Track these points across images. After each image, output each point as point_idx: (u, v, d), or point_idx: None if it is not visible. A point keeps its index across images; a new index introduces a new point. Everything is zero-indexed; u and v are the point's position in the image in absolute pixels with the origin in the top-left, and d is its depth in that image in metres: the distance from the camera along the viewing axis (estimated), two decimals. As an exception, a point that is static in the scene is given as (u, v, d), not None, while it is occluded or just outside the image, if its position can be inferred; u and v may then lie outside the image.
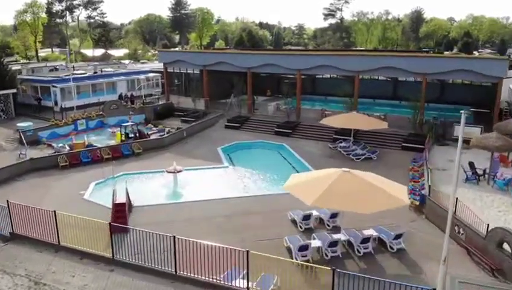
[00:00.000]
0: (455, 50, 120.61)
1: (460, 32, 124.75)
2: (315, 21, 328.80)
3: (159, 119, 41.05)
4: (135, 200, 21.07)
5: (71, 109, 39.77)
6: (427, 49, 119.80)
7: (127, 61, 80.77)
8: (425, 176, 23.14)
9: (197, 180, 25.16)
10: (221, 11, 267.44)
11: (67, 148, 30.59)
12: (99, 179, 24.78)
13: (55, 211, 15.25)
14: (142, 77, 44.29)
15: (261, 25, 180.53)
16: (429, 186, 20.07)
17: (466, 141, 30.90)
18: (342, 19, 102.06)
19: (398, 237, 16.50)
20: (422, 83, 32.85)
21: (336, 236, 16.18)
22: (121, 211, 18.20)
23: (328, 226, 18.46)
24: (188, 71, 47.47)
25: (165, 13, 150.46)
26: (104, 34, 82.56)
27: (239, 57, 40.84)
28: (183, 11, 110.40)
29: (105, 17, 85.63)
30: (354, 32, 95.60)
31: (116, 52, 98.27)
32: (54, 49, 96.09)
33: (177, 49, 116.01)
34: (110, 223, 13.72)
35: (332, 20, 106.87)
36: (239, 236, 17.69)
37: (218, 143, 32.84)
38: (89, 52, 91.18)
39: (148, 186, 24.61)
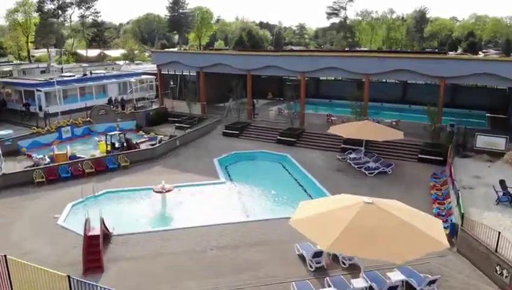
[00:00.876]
0: (459, 50, 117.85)
1: (463, 32, 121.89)
2: (316, 21, 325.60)
3: (151, 125, 38.00)
4: (115, 227, 18.03)
5: (56, 114, 36.68)
6: (430, 50, 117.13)
7: (121, 62, 77.63)
8: (452, 197, 20.09)
9: (189, 200, 22.10)
10: (221, 10, 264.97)
11: (48, 160, 27.48)
12: (78, 198, 21.77)
13: (5, 256, 12.15)
14: (133, 79, 41.24)
15: (261, 25, 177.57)
16: (462, 214, 16.94)
17: (490, 153, 28.14)
18: (345, 18, 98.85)
19: (431, 282, 13.43)
20: (440, 87, 29.75)
21: (356, 284, 13.08)
22: (94, 246, 15.13)
23: (344, 264, 15.38)
24: (184, 73, 44.41)
25: (163, 13, 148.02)
26: (98, 34, 79.39)
27: (238, 59, 37.80)
28: (181, 10, 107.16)
29: (100, 16, 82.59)
30: (358, 31, 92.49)
31: (113, 53, 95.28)
32: (50, 50, 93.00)
33: (175, 49, 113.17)
34: (69, 278, 10.63)
35: (336, 19, 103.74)
36: (236, 278, 14.64)
37: (215, 153, 29.80)
38: (84, 52, 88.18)
39: (132, 208, 21.54)
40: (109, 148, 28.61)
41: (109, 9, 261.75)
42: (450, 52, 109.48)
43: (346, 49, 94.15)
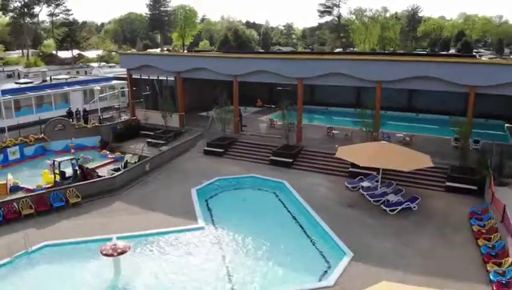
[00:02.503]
0: (452, 50, 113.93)
1: (452, 31, 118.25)
2: (304, 20, 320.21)
3: (120, 141, 31.97)
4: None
5: (2, 130, 30.35)
6: (420, 50, 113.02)
7: (96, 64, 71.08)
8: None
9: (153, 262, 16.03)
10: (206, 9, 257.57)
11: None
12: (3, 258, 15.88)
13: None
14: (97, 87, 34.97)
15: (248, 25, 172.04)
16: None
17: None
18: (339, 16, 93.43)
19: None
20: (470, 97, 24.34)
21: None
22: None
23: None
24: (161, 78, 38.31)
25: (143, 11, 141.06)
26: (69, 34, 72.53)
27: (223, 62, 31.97)
28: (162, 9, 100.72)
29: (71, 14, 75.70)
30: (351, 31, 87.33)
31: (92, 54, 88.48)
32: (24, 51, 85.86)
33: (158, 50, 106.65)
34: None
35: (329, 18, 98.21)
36: None
37: (194, 180, 23.95)
38: (61, 53, 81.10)
39: (75, 273, 15.47)
40: (57, 178, 22.50)
41: (89, 7, 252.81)
42: (442, 52, 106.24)
43: (339, 50, 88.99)
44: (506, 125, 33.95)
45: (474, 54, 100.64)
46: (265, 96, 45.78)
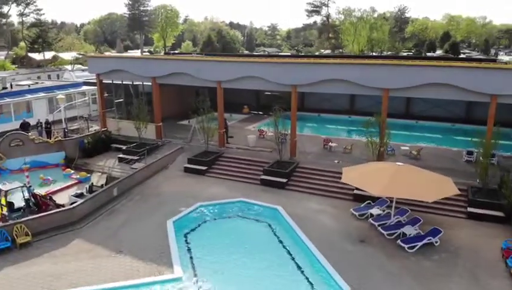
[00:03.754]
0: (439, 52, 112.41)
1: (437, 32, 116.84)
2: (289, 21, 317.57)
3: (88, 156, 27.96)
4: None
5: None
6: (406, 51, 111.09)
7: (68, 67, 66.32)
8: None
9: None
10: (189, 10, 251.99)
11: None
12: None
13: None
14: (61, 95, 30.66)
15: (232, 25, 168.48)
16: None
17: None
18: (328, 16, 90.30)
19: None
20: (490, 106, 21.09)
21: None
22: None
23: None
24: (136, 83, 34.29)
25: (122, 11, 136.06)
26: (40, 35, 67.62)
27: (205, 66, 28.20)
28: (142, 8, 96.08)
29: (43, 14, 70.67)
30: (340, 32, 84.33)
31: (68, 56, 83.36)
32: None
33: (138, 51, 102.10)
34: None
35: (317, 18, 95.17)
36: None
37: (170, 207, 20.18)
38: (36, 56, 75.90)
39: None
40: (4, 210, 18.40)
41: (68, 8, 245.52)
42: (428, 54, 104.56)
43: (327, 51, 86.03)
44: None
45: (462, 55, 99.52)
46: (252, 102, 42.25)
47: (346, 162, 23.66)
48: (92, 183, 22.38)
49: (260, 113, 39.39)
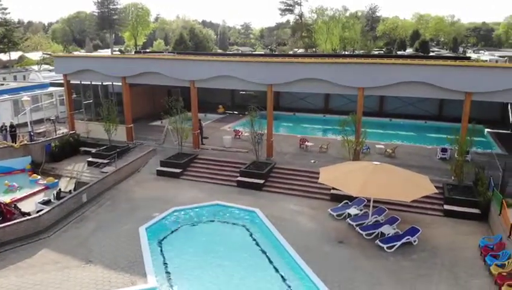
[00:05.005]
0: (409, 50, 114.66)
1: (407, 31, 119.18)
2: (263, 20, 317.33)
3: (55, 161, 26.75)
4: None
5: None
6: (377, 50, 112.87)
7: (35, 67, 63.88)
8: None
9: None
10: (161, 8, 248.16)
11: None
12: None
13: None
14: (26, 97, 29.12)
15: (205, 24, 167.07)
16: None
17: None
18: (301, 15, 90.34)
19: None
20: (465, 104, 21.22)
21: None
22: None
23: None
24: (106, 83, 33.14)
25: (91, 9, 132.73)
26: (6, 35, 64.74)
27: (177, 65, 27.44)
28: (111, 6, 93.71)
29: (8, 13, 67.68)
30: (313, 30, 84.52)
31: (36, 56, 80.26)
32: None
33: (108, 51, 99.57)
34: None
35: (290, 17, 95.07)
36: None
37: (143, 213, 19.40)
38: (1, 56, 72.61)
39: None
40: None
41: (36, 6, 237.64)
42: (399, 52, 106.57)
43: (301, 50, 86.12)
44: (486, 130, 31.70)
45: (431, 53, 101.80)
46: (227, 101, 41.69)
47: (323, 162, 23.48)
48: (60, 189, 21.31)
49: (236, 113, 38.86)
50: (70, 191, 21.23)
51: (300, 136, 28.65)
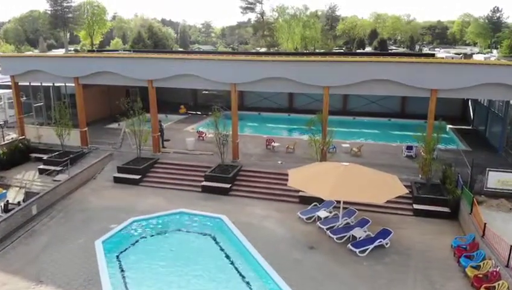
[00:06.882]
0: (368, 48, 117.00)
1: (366, 30, 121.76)
2: (224, 19, 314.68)
3: (3, 169, 24.64)
4: None
5: None
6: (337, 48, 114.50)
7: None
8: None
9: None
10: (118, 7, 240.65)
11: None
12: None
13: None
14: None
15: (164, 22, 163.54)
16: None
17: (506, 196, 20.33)
18: (262, 14, 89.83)
19: None
20: (430, 101, 21.07)
21: None
22: None
23: None
24: (58, 84, 30.97)
25: (44, 8, 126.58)
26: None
27: (133, 64, 25.92)
28: (65, 4, 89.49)
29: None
30: (275, 29, 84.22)
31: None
32: None
33: (62, 50, 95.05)
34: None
35: (251, 15, 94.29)
36: None
37: (99, 224, 17.93)
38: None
39: None
40: None
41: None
42: (358, 50, 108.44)
43: (263, 49, 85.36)
44: (448, 126, 32.11)
45: (389, 51, 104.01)
46: (190, 101, 40.34)
47: (290, 162, 22.80)
48: (8, 200, 19.42)
49: (198, 113, 37.60)
50: (19, 202, 19.41)
51: (267, 137, 27.87)
